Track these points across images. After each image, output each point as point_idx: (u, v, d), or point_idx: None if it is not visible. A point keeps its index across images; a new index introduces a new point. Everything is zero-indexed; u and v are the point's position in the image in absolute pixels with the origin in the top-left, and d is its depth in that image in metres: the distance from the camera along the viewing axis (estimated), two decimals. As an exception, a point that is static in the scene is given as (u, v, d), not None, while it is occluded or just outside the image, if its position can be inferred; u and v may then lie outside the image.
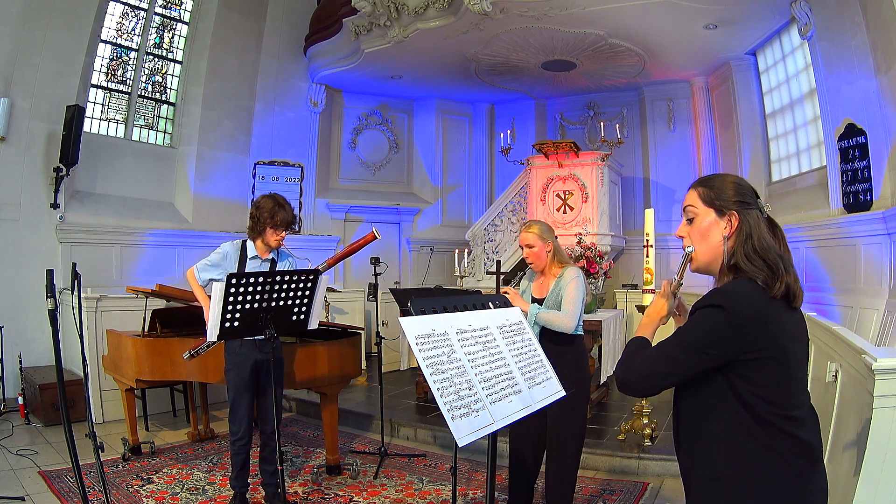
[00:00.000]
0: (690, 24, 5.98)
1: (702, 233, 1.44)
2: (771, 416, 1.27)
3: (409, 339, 1.50)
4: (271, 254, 3.42)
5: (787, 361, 1.29)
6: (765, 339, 1.27)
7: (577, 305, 2.89)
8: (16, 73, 5.76)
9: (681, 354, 1.33)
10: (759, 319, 1.27)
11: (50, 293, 2.56)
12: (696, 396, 1.37)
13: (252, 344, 3.28)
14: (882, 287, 4.54)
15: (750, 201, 1.42)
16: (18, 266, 5.71)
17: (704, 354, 1.30)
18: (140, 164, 7.03)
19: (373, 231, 3.73)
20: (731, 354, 1.28)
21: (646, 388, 1.40)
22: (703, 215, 1.44)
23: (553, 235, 3.07)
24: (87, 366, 3.09)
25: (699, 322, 1.33)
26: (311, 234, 8.20)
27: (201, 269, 3.36)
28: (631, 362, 1.42)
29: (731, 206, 1.40)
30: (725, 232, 1.40)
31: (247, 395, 3.36)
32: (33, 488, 3.62)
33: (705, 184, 1.47)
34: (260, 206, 3.31)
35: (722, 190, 1.43)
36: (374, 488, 3.81)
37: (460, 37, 6.55)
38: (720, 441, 1.32)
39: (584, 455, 4.13)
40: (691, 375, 1.34)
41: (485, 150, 9.41)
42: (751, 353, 1.27)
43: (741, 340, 1.27)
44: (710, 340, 1.29)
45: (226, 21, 7.53)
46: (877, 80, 4.60)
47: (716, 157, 7.53)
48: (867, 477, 1.86)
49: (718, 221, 1.42)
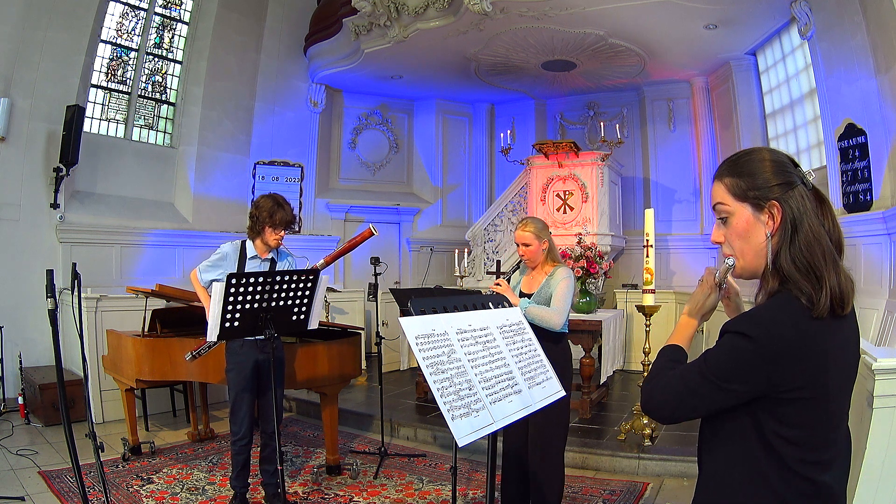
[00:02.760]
0: (690, 24, 5.98)
1: (740, 235, 1.19)
2: (792, 460, 1.09)
3: (409, 339, 1.50)
4: (271, 253, 3.42)
5: (828, 396, 1.10)
6: (801, 374, 1.07)
7: (566, 303, 2.94)
8: (16, 73, 5.76)
9: (701, 387, 1.14)
10: (794, 351, 1.07)
11: (50, 293, 2.56)
12: (718, 422, 1.19)
13: (253, 344, 3.28)
14: (882, 287, 4.54)
15: (793, 178, 1.15)
16: (18, 266, 5.71)
17: (727, 391, 1.11)
18: (140, 164, 7.03)
19: (370, 227, 3.73)
20: (759, 392, 1.09)
21: (667, 418, 1.22)
22: (738, 214, 1.19)
23: (548, 233, 3.10)
24: (87, 366, 3.09)
25: (726, 350, 1.12)
26: (311, 234, 8.21)
27: (203, 271, 3.37)
28: (654, 387, 1.23)
29: (770, 193, 1.15)
30: (769, 229, 1.16)
31: (248, 396, 3.36)
32: (33, 488, 3.62)
33: (733, 171, 1.20)
34: (259, 206, 3.32)
35: (756, 175, 1.17)
36: (374, 488, 3.81)
37: (460, 37, 6.55)
38: (726, 473, 1.18)
39: (585, 455, 4.16)
40: (716, 409, 1.16)
41: (485, 150, 9.41)
42: (783, 391, 1.08)
43: (771, 376, 1.07)
44: (736, 376, 1.10)
45: (226, 21, 7.53)
46: (877, 80, 4.60)
47: (716, 158, 7.53)
48: (867, 477, 1.86)
49: (758, 217, 1.17)
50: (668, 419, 1.22)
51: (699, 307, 1.33)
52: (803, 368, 1.07)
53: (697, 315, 1.34)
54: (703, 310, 1.33)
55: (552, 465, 2.96)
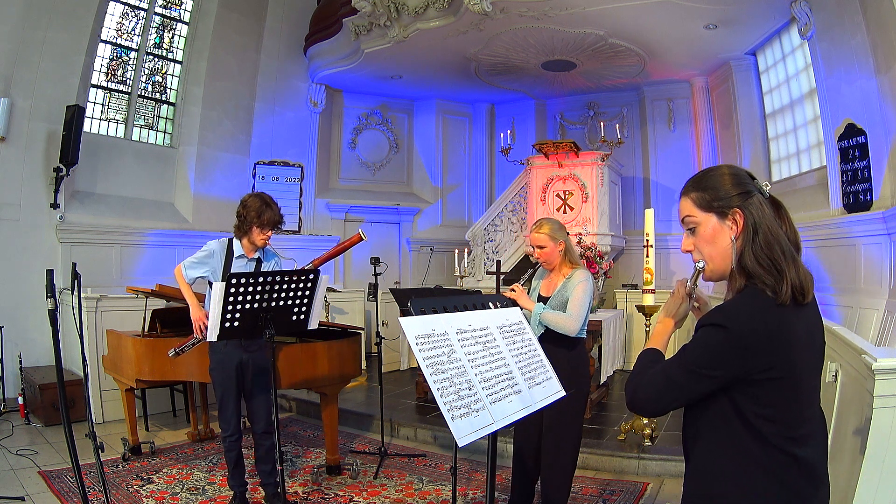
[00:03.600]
0: (690, 24, 5.98)
1: (708, 241, 1.34)
2: (773, 436, 1.21)
3: (409, 339, 1.50)
4: (257, 253, 3.41)
5: (797, 376, 1.22)
6: (771, 357, 1.20)
7: (582, 309, 2.82)
8: (16, 73, 5.76)
9: (682, 377, 1.26)
10: (764, 337, 1.19)
11: (50, 293, 2.56)
12: (699, 410, 1.32)
13: (237, 343, 3.25)
14: (882, 287, 4.54)
15: (750, 188, 1.31)
16: (18, 266, 5.71)
17: (707, 377, 1.23)
18: (140, 164, 7.03)
19: (359, 233, 3.75)
20: (734, 376, 1.22)
21: (652, 411, 1.35)
22: (705, 222, 1.34)
23: (565, 234, 2.99)
24: (87, 366, 3.09)
25: (701, 341, 1.26)
26: (310, 234, 8.21)
27: (188, 267, 3.34)
28: (638, 383, 1.35)
29: (732, 202, 1.30)
30: (733, 233, 1.30)
31: (232, 394, 3.36)
32: (33, 488, 3.62)
33: (698, 186, 1.36)
34: (247, 205, 3.30)
35: (718, 188, 1.32)
36: (374, 488, 3.81)
37: (460, 37, 6.55)
38: (716, 457, 1.28)
39: (584, 455, 4.16)
40: (696, 398, 1.28)
41: (485, 150, 9.41)
42: (756, 373, 1.20)
43: (745, 361, 1.20)
44: (713, 362, 1.22)
45: (226, 21, 7.53)
46: (877, 80, 4.60)
47: (716, 157, 7.53)
48: (867, 477, 1.86)
49: (723, 224, 1.32)
50: (654, 412, 1.34)
51: (672, 315, 1.47)
52: (772, 351, 1.19)
53: (670, 322, 1.48)
54: (677, 317, 1.47)
55: (562, 466, 2.91)
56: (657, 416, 1.89)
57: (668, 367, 1.31)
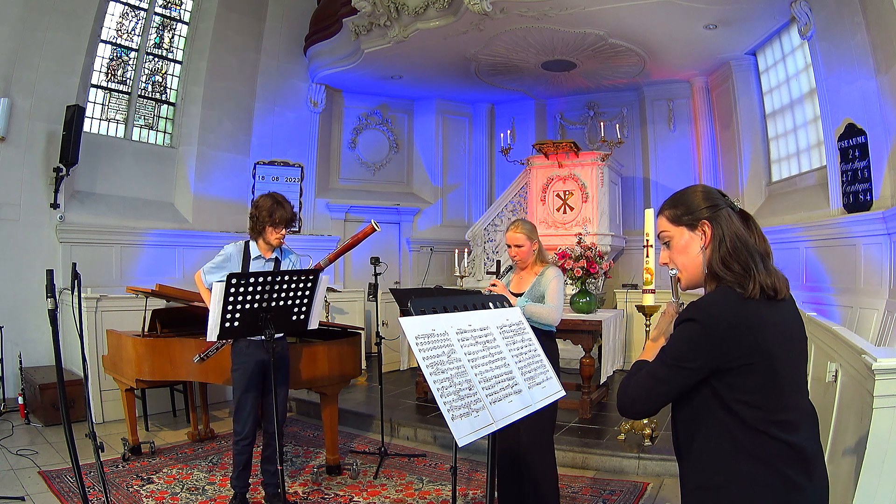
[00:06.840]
0: (690, 24, 5.99)
1: (680, 251, 1.46)
2: (758, 422, 1.27)
3: (409, 339, 1.50)
4: (274, 252, 3.43)
5: (773, 363, 1.28)
6: (744, 345, 1.27)
7: (560, 301, 3.07)
8: (16, 73, 5.76)
9: (665, 373, 1.35)
10: (734, 326, 1.27)
11: (50, 293, 2.56)
12: (686, 406, 1.38)
13: (259, 344, 3.27)
14: (882, 287, 4.54)
15: (719, 203, 1.43)
16: (18, 266, 5.71)
17: (686, 369, 1.31)
18: (140, 164, 7.03)
19: (371, 223, 3.72)
20: (712, 365, 1.29)
21: (641, 411, 1.42)
22: (678, 235, 1.46)
23: (537, 235, 3.24)
24: (87, 366, 3.09)
25: (678, 337, 1.35)
26: (311, 234, 8.21)
27: (207, 273, 3.38)
28: (626, 388, 1.43)
29: (701, 215, 1.42)
30: (702, 243, 1.42)
31: (252, 396, 3.36)
32: (33, 488, 3.62)
33: (670, 205, 1.49)
34: (259, 206, 3.32)
35: (688, 204, 1.45)
36: (374, 488, 3.81)
37: (460, 37, 6.55)
38: (707, 450, 1.34)
39: (584, 455, 4.17)
40: (681, 391, 1.35)
41: (485, 150, 9.41)
42: (732, 361, 1.27)
43: (719, 350, 1.28)
44: (689, 355, 1.31)
45: (226, 21, 7.53)
46: (877, 80, 4.60)
47: (716, 157, 7.53)
48: (867, 477, 1.86)
49: (693, 236, 1.44)
50: (645, 411, 1.41)
51: (664, 333, 1.54)
52: (743, 340, 1.27)
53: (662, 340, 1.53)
54: (668, 335, 1.51)
55: (546, 462, 2.98)
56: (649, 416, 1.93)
57: (651, 368, 1.39)
